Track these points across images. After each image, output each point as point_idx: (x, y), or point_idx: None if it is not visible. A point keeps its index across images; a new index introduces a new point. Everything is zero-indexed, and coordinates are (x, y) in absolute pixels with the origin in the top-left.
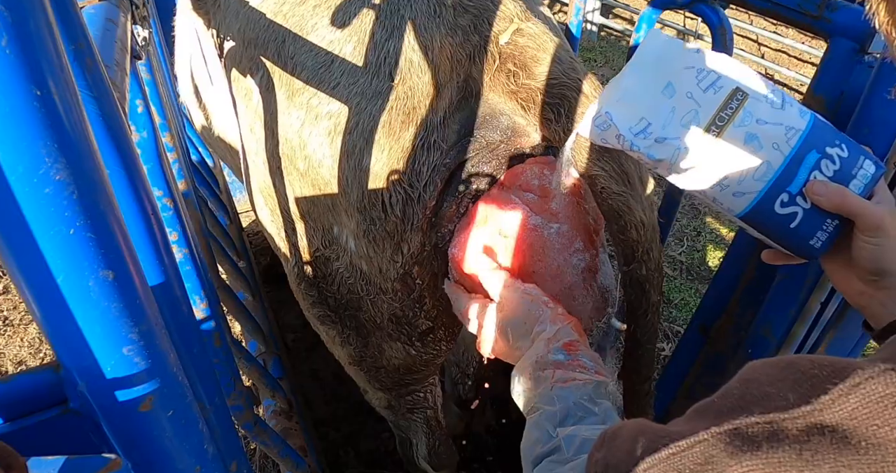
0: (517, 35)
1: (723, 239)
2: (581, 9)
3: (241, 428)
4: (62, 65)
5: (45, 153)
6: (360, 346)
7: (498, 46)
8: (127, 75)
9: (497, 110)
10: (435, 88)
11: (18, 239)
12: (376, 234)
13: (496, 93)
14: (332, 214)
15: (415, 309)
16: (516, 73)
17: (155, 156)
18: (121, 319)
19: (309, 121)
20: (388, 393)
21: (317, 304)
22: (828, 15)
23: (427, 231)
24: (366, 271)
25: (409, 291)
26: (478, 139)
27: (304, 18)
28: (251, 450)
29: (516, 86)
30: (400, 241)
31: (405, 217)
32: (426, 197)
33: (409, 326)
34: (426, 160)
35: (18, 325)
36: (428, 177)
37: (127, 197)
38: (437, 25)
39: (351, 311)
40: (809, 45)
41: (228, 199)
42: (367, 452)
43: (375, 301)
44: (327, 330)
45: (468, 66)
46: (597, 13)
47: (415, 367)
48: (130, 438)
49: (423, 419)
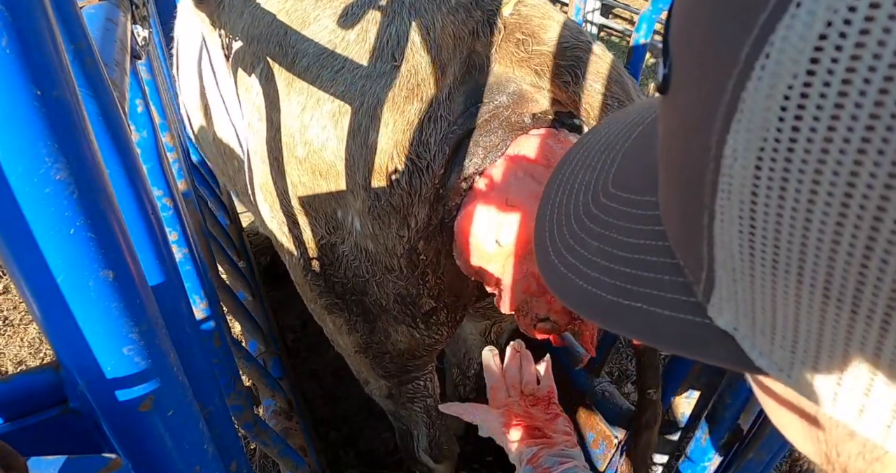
0: (520, 6)
1: None
2: (581, 9)
3: (241, 428)
4: (62, 64)
5: (45, 153)
6: (366, 332)
7: (502, 18)
8: (127, 75)
9: (504, 78)
10: (438, 66)
11: (18, 239)
12: (382, 210)
13: (503, 64)
14: (336, 198)
15: (419, 287)
16: (525, 41)
17: (155, 156)
18: (121, 319)
19: (311, 105)
20: (390, 381)
21: (324, 294)
22: None
23: (434, 203)
24: (372, 250)
25: (413, 267)
26: (485, 104)
27: (307, 11)
28: (251, 450)
29: (527, 54)
30: (406, 215)
31: (412, 188)
32: (433, 167)
33: (414, 306)
34: (433, 131)
35: (18, 325)
36: (435, 148)
37: (127, 196)
38: (439, 6)
39: (357, 296)
40: None
41: (228, 199)
42: (367, 452)
43: (381, 282)
44: (334, 318)
45: (471, 41)
46: (597, 13)
47: (417, 351)
48: (130, 438)
49: (422, 408)
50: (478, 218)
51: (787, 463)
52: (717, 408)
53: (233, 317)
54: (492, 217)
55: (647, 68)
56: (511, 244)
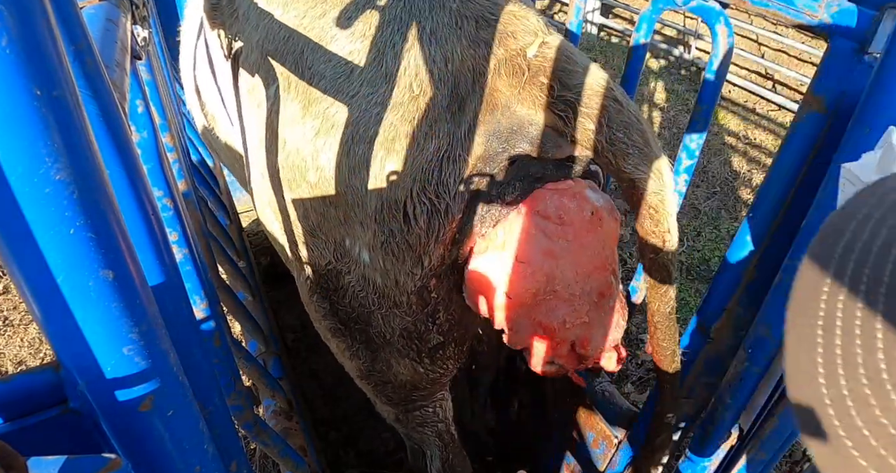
0: (544, 47)
1: (723, 239)
2: (581, 9)
3: (241, 428)
4: (62, 65)
5: (45, 153)
6: (368, 361)
7: (526, 59)
8: (127, 75)
9: (527, 121)
10: (457, 100)
11: (18, 238)
12: (395, 246)
13: (525, 106)
14: (345, 226)
15: (427, 324)
16: (550, 86)
17: (155, 156)
18: (121, 319)
19: (324, 130)
20: (396, 408)
21: (328, 316)
22: (828, 15)
23: (450, 245)
24: (379, 284)
25: (423, 305)
26: (507, 149)
27: (324, 30)
28: (251, 450)
29: (552, 99)
30: (422, 254)
31: (430, 229)
32: (454, 209)
33: (420, 341)
34: (451, 172)
35: (18, 325)
36: (455, 190)
37: (127, 197)
38: (459, 37)
39: (361, 325)
40: (809, 45)
41: (228, 199)
42: (367, 452)
43: (387, 315)
44: (338, 342)
45: (493, 79)
46: (597, 13)
47: (421, 385)
48: (130, 438)
49: (434, 432)
50: (488, 270)
51: (787, 463)
52: (717, 408)
53: (233, 317)
54: (502, 271)
55: (646, 68)
56: (519, 296)
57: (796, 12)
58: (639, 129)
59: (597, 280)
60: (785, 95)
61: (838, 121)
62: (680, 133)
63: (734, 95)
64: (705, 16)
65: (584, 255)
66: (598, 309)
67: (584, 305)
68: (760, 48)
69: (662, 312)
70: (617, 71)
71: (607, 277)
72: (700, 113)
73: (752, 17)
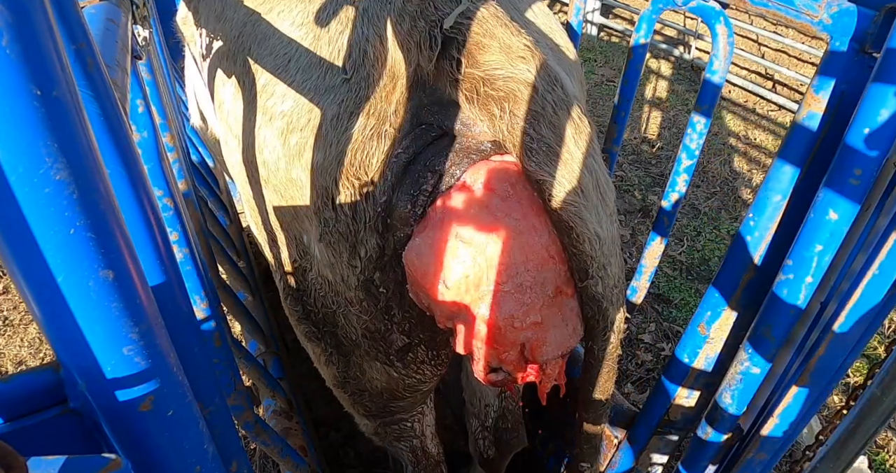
0: (462, 18)
1: (723, 239)
2: (581, 9)
3: (241, 428)
4: (63, 65)
5: (45, 153)
6: (342, 366)
7: (441, 31)
8: (128, 75)
9: (445, 99)
10: (387, 78)
11: (18, 239)
12: (332, 237)
13: (442, 82)
14: (297, 221)
15: (385, 323)
16: (458, 61)
17: (155, 156)
18: (121, 319)
19: (264, 123)
20: (373, 421)
21: (302, 320)
22: (828, 15)
23: (382, 232)
24: (331, 280)
25: (374, 301)
26: (432, 128)
27: (271, 22)
28: (251, 450)
29: (460, 75)
30: (355, 243)
31: (356, 215)
32: (377, 192)
33: (385, 342)
34: (375, 150)
35: (18, 325)
36: (378, 169)
37: (127, 197)
38: (388, 12)
39: (329, 328)
40: (809, 45)
41: (228, 199)
42: (367, 452)
43: (346, 314)
44: (313, 347)
45: (416, 53)
46: (597, 13)
47: (398, 392)
48: (130, 438)
49: (408, 448)
50: (425, 254)
51: (787, 463)
52: (717, 408)
53: (233, 317)
54: (440, 254)
55: (646, 68)
56: (460, 285)
57: (796, 12)
58: (551, 123)
59: (551, 271)
60: (785, 95)
61: (838, 121)
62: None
63: (734, 95)
64: (705, 16)
65: (534, 238)
66: (553, 308)
67: (537, 300)
68: (760, 48)
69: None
70: (617, 71)
71: (564, 271)
72: (700, 113)
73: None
